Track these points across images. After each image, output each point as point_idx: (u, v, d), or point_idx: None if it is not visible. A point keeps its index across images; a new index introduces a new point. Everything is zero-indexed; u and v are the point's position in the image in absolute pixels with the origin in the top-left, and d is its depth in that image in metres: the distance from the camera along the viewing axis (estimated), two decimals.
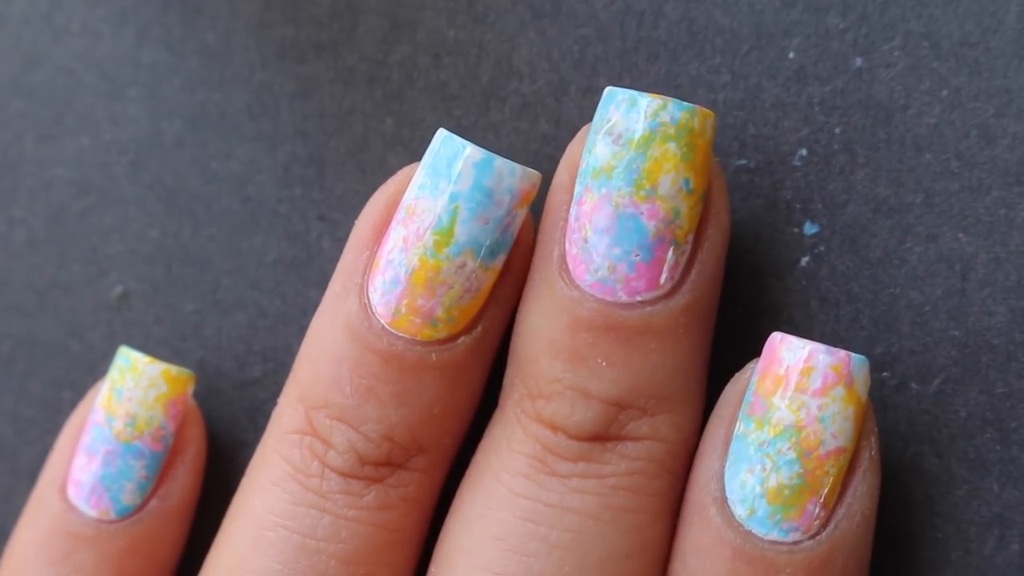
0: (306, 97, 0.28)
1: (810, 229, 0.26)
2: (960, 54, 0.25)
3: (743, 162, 0.26)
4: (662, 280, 0.23)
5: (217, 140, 0.29)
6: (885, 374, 0.25)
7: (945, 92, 0.25)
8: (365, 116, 0.28)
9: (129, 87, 0.29)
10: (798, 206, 0.26)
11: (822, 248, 0.26)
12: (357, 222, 0.25)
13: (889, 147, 0.25)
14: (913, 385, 0.25)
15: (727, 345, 0.25)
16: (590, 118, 0.27)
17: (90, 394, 0.28)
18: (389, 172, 0.27)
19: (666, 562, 0.24)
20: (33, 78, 0.30)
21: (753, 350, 0.25)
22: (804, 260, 0.26)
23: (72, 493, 0.26)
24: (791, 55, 0.26)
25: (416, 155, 0.27)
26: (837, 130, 0.25)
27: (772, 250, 0.26)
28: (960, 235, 0.25)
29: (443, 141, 0.24)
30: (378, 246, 0.24)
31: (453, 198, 0.23)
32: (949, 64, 0.25)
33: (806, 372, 0.23)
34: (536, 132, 0.27)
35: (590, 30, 0.27)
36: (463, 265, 0.24)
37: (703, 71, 0.26)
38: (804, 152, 0.26)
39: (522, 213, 0.24)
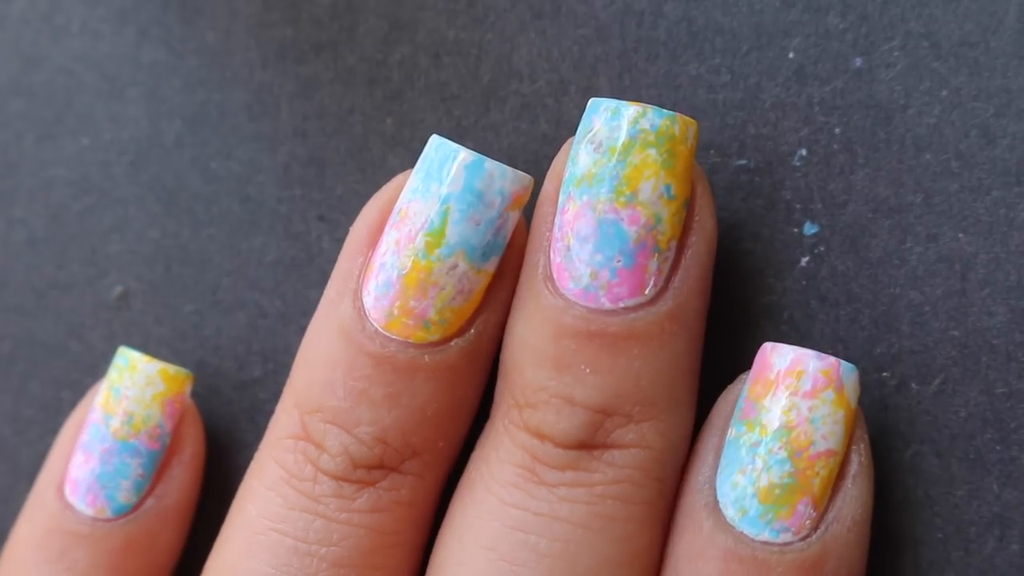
0: (306, 97, 0.28)
1: (810, 229, 0.26)
2: (960, 54, 0.25)
3: (743, 162, 0.26)
4: (646, 286, 0.23)
5: (217, 140, 0.29)
6: (885, 374, 0.25)
7: (945, 92, 0.25)
8: (365, 116, 0.28)
9: (129, 87, 0.29)
10: (798, 206, 0.26)
11: (822, 248, 0.26)
12: (352, 228, 0.25)
13: (889, 147, 0.25)
14: (913, 385, 0.25)
15: (727, 346, 0.25)
16: None
17: (89, 394, 0.28)
18: (389, 172, 0.27)
19: (657, 570, 0.24)
20: (33, 78, 0.30)
21: (753, 351, 0.25)
22: (804, 260, 0.26)
23: (69, 491, 0.26)
24: (791, 55, 0.26)
25: (416, 155, 0.27)
26: (837, 130, 0.25)
27: (772, 250, 0.26)
28: (960, 235, 0.25)
29: (435, 146, 0.24)
30: (372, 251, 0.24)
31: (444, 200, 0.24)
32: (949, 64, 0.25)
33: (796, 375, 0.23)
34: (536, 132, 0.27)
35: (590, 30, 0.27)
36: (454, 266, 0.24)
37: (703, 71, 0.26)
38: (804, 152, 0.26)
39: (514, 216, 0.24)
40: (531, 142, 0.27)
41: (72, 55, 0.29)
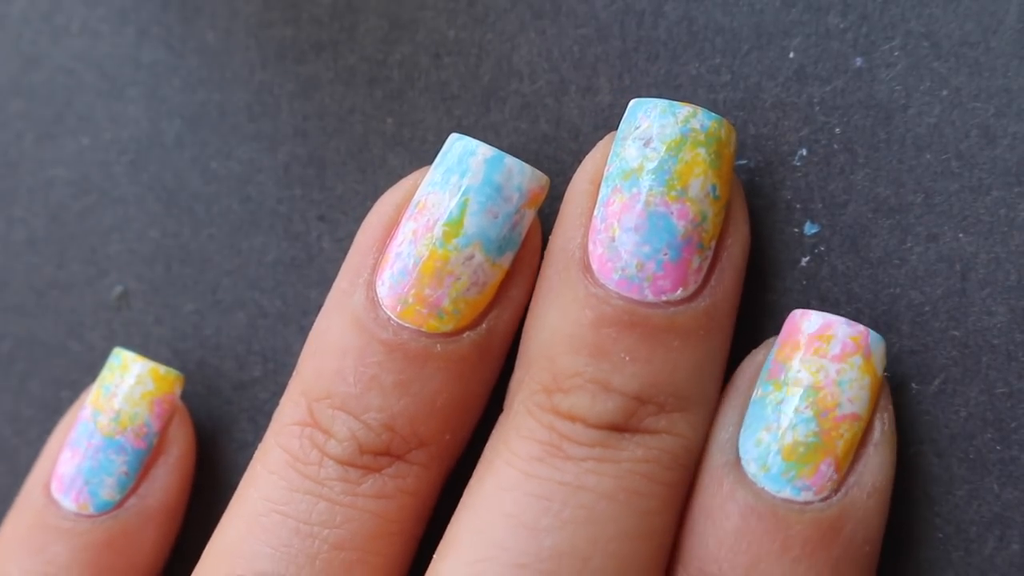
0: (306, 97, 0.28)
1: (810, 229, 0.26)
2: (960, 54, 0.25)
3: (743, 162, 0.26)
4: (688, 282, 0.23)
5: (217, 140, 0.29)
6: (885, 374, 0.25)
7: (945, 92, 0.25)
8: (365, 116, 0.28)
9: (129, 87, 0.29)
10: (798, 206, 0.26)
11: (822, 248, 0.26)
12: (365, 222, 0.25)
13: (889, 147, 0.25)
14: (913, 385, 0.25)
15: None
16: (590, 118, 0.27)
17: (83, 395, 0.28)
18: (389, 172, 0.27)
19: (669, 553, 0.24)
20: (33, 78, 0.30)
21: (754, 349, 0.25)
22: (804, 260, 0.26)
23: (55, 487, 0.27)
24: (791, 55, 0.26)
25: (416, 155, 0.27)
26: (837, 130, 0.25)
27: (772, 250, 0.26)
28: (960, 235, 0.25)
29: (455, 142, 0.25)
30: (386, 244, 0.25)
31: (464, 192, 0.24)
32: (949, 64, 0.25)
33: (825, 339, 0.24)
34: (536, 132, 0.27)
35: (590, 30, 0.27)
36: (471, 257, 0.24)
37: (703, 71, 0.26)
38: (804, 152, 0.26)
39: (530, 214, 0.24)
40: (531, 142, 0.27)
41: (72, 55, 0.29)
